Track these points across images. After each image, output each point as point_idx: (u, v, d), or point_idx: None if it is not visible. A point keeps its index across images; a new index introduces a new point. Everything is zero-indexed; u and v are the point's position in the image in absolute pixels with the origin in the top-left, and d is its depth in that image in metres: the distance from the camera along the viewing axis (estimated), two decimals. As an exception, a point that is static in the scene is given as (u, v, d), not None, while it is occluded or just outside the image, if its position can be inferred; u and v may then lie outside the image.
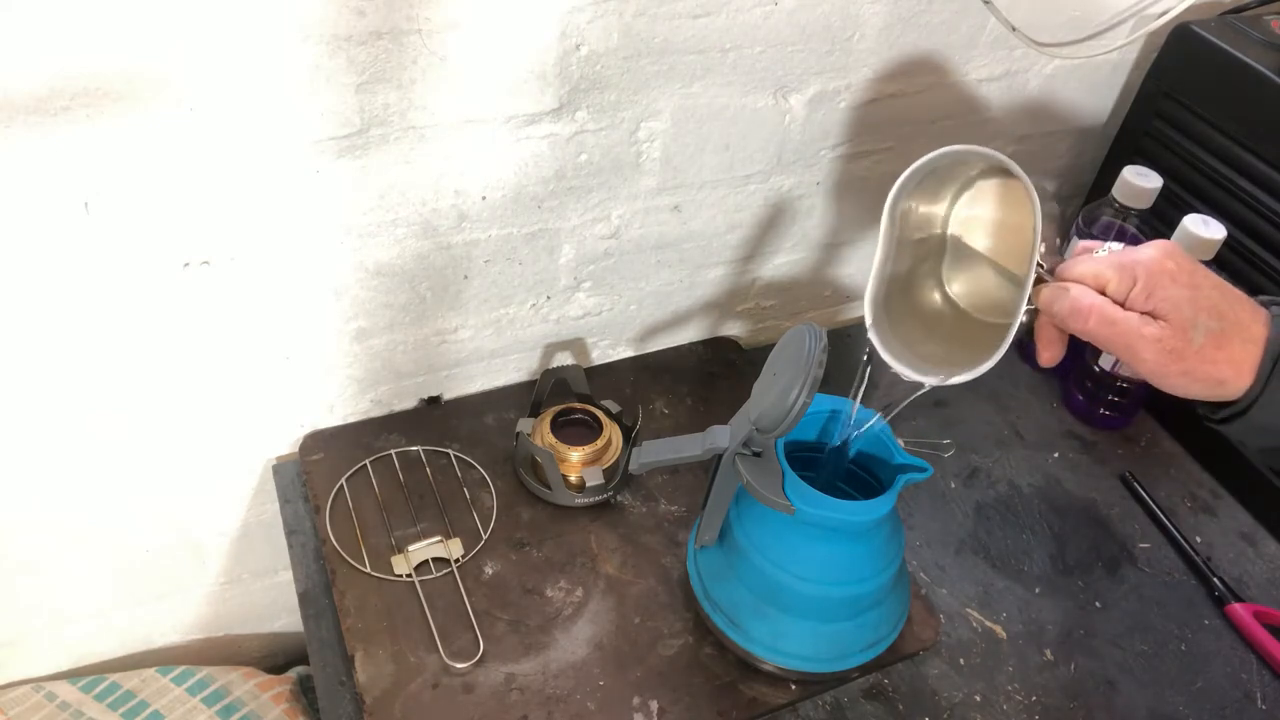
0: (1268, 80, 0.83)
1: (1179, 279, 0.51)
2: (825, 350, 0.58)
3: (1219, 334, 0.50)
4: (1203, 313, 0.50)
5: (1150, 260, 0.51)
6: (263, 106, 0.63)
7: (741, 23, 0.74)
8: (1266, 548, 0.85)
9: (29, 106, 0.57)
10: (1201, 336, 0.50)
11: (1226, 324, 0.51)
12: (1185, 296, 0.50)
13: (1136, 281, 0.51)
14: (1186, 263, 0.52)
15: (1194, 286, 0.51)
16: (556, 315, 0.89)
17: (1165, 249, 0.52)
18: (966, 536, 0.84)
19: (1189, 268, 0.52)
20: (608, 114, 0.75)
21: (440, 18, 0.64)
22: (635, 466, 0.68)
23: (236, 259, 0.71)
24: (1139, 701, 0.73)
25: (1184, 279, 0.51)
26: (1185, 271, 0.51)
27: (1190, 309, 0.50)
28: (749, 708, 0.69)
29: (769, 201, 0.89)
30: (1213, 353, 0.51)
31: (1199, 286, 0.51)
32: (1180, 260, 0.52)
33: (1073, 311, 0.52)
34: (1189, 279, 0.51)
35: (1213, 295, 0.51)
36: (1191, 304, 0.50)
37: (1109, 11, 0.88)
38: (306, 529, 0.80)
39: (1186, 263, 0.52)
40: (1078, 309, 0.52)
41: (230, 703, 0.90)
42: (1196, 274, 0.52)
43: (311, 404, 0.84)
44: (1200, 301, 0.50)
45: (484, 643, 0.71)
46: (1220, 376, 0.51)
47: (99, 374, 0.74)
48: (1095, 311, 0.51)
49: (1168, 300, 0.50)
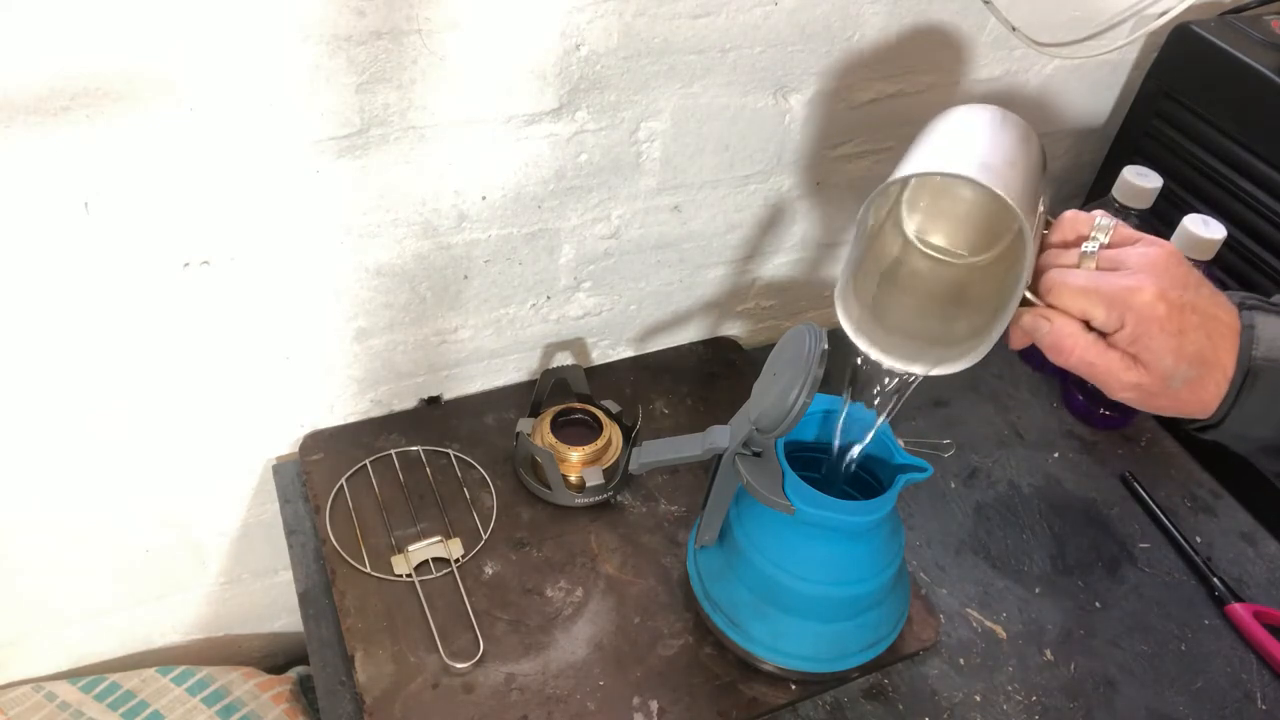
0: (1268, 80, 0.83)
1: (1168, 326, 0.49)
2: (825, 350, 0.58)
3: (1195, 380, 0.51)
4: (1184, 363, 0.50)
5: (1141, 306, 0.49)
6: (263, 106, 0.63)
7: (741, 23, 0.74)
8: (1266, 548, 0.85)
9: (29, 106, 0.57)
10: (1179, 384, 0.51)
11: (1205, 369, 0.51)
12: (1170, 347, 0.50)
13: (1125, 325, 0.50)
14: (1178, 294, 0.50)
15: (1181, 332, 0.50)
16: (556, 315, 0.89)
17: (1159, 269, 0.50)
18: (966, 536, 0.84)
19: (1180, 303, 0.50)
20: (608, 114, 0.75)
21: (440, 18, 0.64)
22: (635, 466, 0.68)
23: (236, 259, 0.71)
24: (1139, 701, 0.73)
25: (1173, 324, 0.49)
26: (1176, 312, 0.50)
27: (1172, 360, 0.50)
28: (749, 708, 0.69)
29: (769, 201, 0.89)
30: (1186, 395, 0.52)
31: (1185, 332, 0.50)
32: (1173, 294, 0.50)
33: (1053, 347, 0.52)
34: (1178, 323, 0.50)
35: (1197, 339, 0.50)
36: (1175, 354, 0.50)
37: (1109, 11, 0.88)
38: (306, 529, 0.80)
39: (1178, 294, 0.50)
40: (1059, 347, 0.51)
41: (230, 703, 0.90)
42: (1185, 313, 0.50)
43: (311, 404, 0.84)
44: (1184, 350, 0.50)
45: (484, 643, 0.71)
46: (1190, 412, 0.53)
47: (99, 374, 0.74)
48: (1076, 353, 0.51)
49: (1151, 350, 0.50)
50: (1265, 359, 0.51)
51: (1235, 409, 0.52)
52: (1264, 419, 0.52)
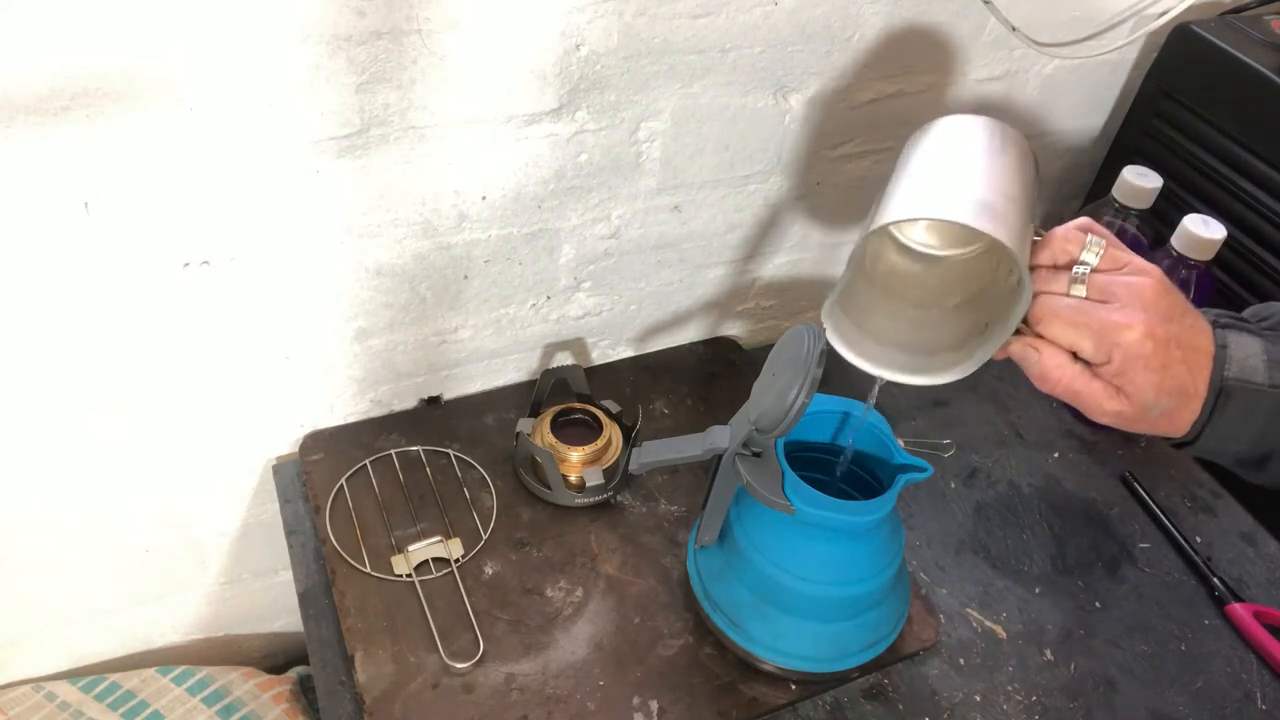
0: (1268, 80, 0.83)
1: (1152, 363, 0.51)
2: (825, 350, 0.58)
3: (1172, 411, 0.53)
4: (1165, 395, 0.52)
5: (1130, 344, 0.50)
6: (263, 106, 0.63)
7: (741, 23, 0.74)
8: (1266, 548, 0.85)
9: (29, 106, 0.57)
10: (1157, 415, 0.53)
11: (1183, 399, 0.52)
12: (1153, 382, 0.51)
13: (1111, 360, 0.51)
14: (1164, 328, 0.51)
15: (1164, 368, 0.51)
16: (556, 315, 0.89)
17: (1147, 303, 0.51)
18: (966, 536, 0.84)
19: (1165, 338, 0.51)
20: (608, 114, 0.75)
21: (440, 18, 0.64)
22: (635, 466, 0.68)
23: (236, 259, 0.71)
24: (1139, 701, 0.73)
25: (1157, 360, 0.51)
26: (1160, 348, 0.51)
27: (1154, 394, 0.51)
28: (749, 708, 0.69)
29: (769, 201, 0.89)
30: (1163, 422, 0.54)
31: (1169, 366, 0.51)
32: (1159, 330, 0.50)
33: (1041, 377, 0.53)
34: (1161, 359, 0.51)
35: (1178, 373, 0.52)
36: (1156, 389, 0.51)
37: (1109, 11, 0.88)
38: (306, 529, 0.80)
39: (1164, 328, 0.51)
40: (1046, 377, 0.53)
41: (230, 703, 0.90)
42: (1169, 349, 0.51)
43: (311, 404, 0.84)
44: (1166, 384, 0.51)
45: (484, 643, 0.71)
46: (1165, 433, 0.55)
47: (99, 374, 0.74)
48: (1063, 385, 0.52)
49: (1135, 385, 0.51)
50: (1236, 379, 0.53)
51: (1208, 428, 0.54)
52: (1236, 436, 0.54)
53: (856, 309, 0.60)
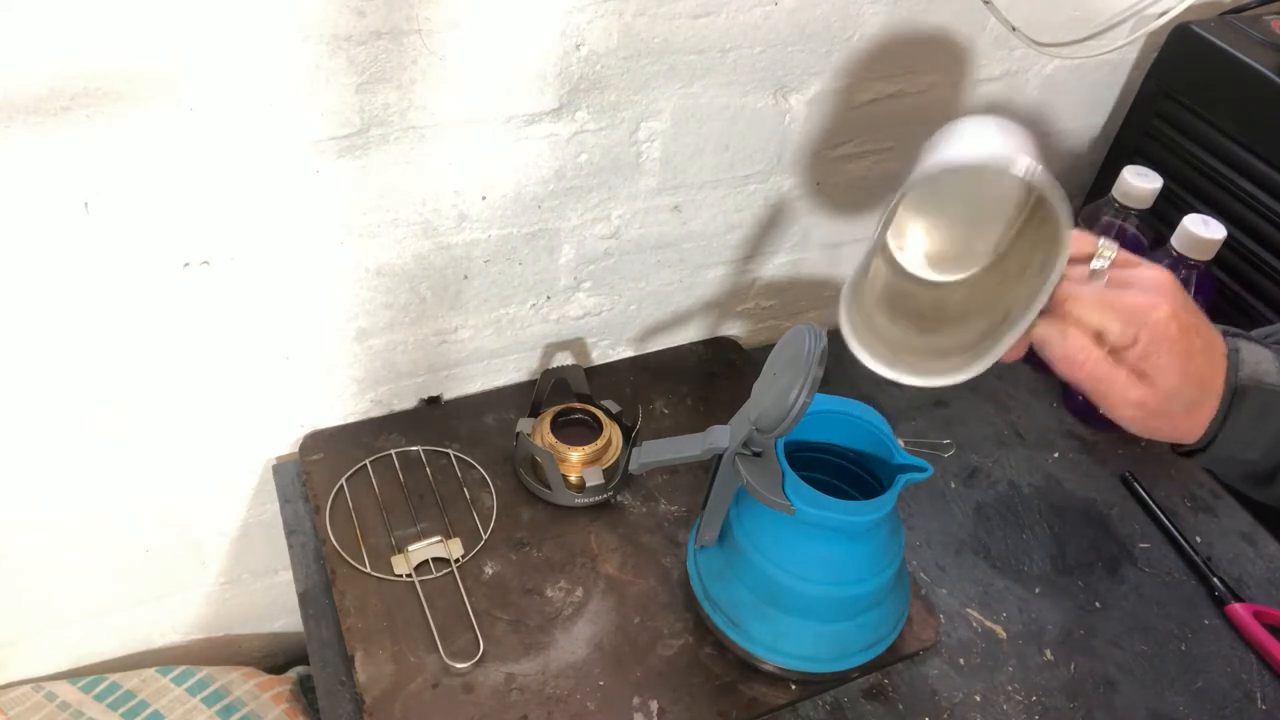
0: (1268, 80, 0.83)
1: (1176, 346, 0.50)
2: (825, 350, 0.58)
3: (1194, 404, 0.52)
4: (1188, 383, 0.51)
5: (1156, 324, 0.50)
6: (263, 106, 0.63)
7: (741, 23, 0.74)
8: (1266, 548, 0.85)
9: (29, 106, 0.57)
10: (1180, 407, 0.52)
11: (1204, 393, 0.52)
12: (1177, 366, 0.51)
13: (1137, 342, 0.50)
14: (1187, 316, 0.51)
15: (1187, 353, 0.51)
16: (556, 315, 0.89)
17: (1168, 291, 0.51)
18: (966, 536, 0.84)
19: (1188, 325, 0.51)
20: (608, 114, 0.75)
21: (440, 18, 0.64)
22: (635, 466, 0.68)
23: (236, 259, 0.71)
24: (1139, 701, 0.73)
25: (1181, 345, 0.50)
26: (1185, 333, 0.51)
27: (1178, 379, 0.51)
28: (749, 708, 0.69)
29: (769, 201, 0.89)
30: (1184, 419, 0.53)
31: (1191, 353, 0.51)
32: (1183, 316, 0.51)
33: (1065, 359, 0.52)
34: (1185, 344, 0.51)
35: (1199, 362, 0.51)
36: (1181, 374, 0.51)
37: (1109, 11, 0.88)
38: (306, 529, 0.80)
39: (1187, 316, 0.51)
40: (1071, 360, 0.52)
41: (230, 703, 0.90)
42: (1190, 335, 0.51)
43: (311, 404, 0.84)
44: (1189, 371, 0.51)
45: (484, 643, 0.71)
46: (1183, 436, 0.54)
47: (99, 374, 0.74)
48: (1088, 368, 0.51)
49: (1160, 368, 0.51)
50: (1250, 379, 0.53)
51: (1224, 431, 0.53)
52: (1251, 442, 0.54)
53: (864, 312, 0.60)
